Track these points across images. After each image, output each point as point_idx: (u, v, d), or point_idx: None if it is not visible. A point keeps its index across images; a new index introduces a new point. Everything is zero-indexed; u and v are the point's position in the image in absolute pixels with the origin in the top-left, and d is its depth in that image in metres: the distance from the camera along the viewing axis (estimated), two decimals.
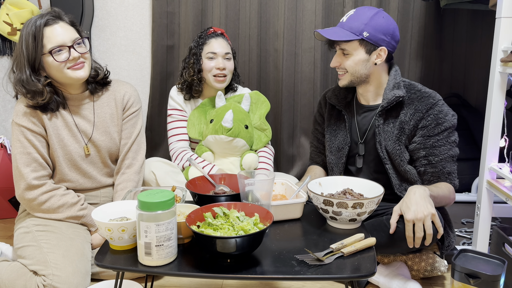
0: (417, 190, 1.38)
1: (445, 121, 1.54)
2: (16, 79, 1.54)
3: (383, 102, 1.59)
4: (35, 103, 1.56)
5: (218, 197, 1.37)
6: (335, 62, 1.61)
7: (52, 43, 1.52)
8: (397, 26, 1.59)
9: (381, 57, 1.56)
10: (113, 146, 1.73)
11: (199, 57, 2.01)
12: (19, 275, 1.45)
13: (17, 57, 1.54)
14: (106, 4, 2.57)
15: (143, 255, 1.08)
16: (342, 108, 1.70)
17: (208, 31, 2.04)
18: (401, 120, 1.58)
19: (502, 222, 2.11)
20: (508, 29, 1.60)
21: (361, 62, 1.56)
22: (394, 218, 1.38)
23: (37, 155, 1.58)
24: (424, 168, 1.57)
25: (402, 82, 1.62)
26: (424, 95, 1.58)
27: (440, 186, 1.52)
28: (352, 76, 1.60)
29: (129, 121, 1.75)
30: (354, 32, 1.54)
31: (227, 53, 2.02)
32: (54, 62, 1.53)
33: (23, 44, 1.52)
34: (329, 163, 1.75)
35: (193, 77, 2.01)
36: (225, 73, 2.01)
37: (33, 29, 1.51)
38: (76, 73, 1.57)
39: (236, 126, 1.91)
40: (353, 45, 1.55)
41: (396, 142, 1.58)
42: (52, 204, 1.59)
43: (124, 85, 1.76)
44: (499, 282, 1.32)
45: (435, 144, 1.55)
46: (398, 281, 1.55)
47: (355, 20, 1.54)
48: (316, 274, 1.05)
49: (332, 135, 1.73)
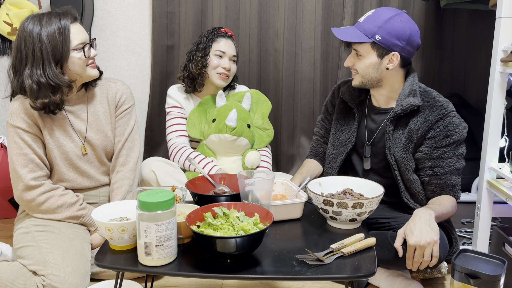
0: (422, 215, 1.34)
1: (454, 134, 1.50)
2: (31, 75, 1.51)
3: (396, 108, 1.55)
4: (42, 103, 1.53)
5: (218, 197, 1.37)
6: (349, 62, 1.58)
7: (78, 40, 1.56)
8: (418, 31, 1.52)
9: (393, 62, 1.51)
10: (108, 144, 1.73)
11: (207, 52, 2.02)
12: (19, 275, 1.45)
13: (33, 53, 1.51)
14: (106, 4, 2.57)
15: (143, 255, 1.08)
16: (354, 106, 1.66)
17: (220, 30, 2.06)
18: (410, 128, 1.54)
19: (502, 222, 2.11)
20: (508, 29, 1.60)
21: (372, 65, 1.52)
22: (399, 241, 1.35)
23: (33, 156, 1.58)
24: (429, 179, 1.54)
25: (418, 89, 1.57)
26: (437, 104, 1.53)
27: (443, 203, 1.48)
28: (363, 78, 1.56)
29: (122, 118, 1.75)
30: (366, 34, 1.49)
31: (234, 56, 2.05)
32: (83, 57, 1.57)
33: (47, 40, 1.50)
34: (328, 155, 1.73)
35: (200, 70, 2.02)
36: (229, 74, 2.03)
37: (59, 26, 1.53)
38: (93, 71, 1.63)
39: (239, 125, 1.91)
40: (365, 47, 1.51)
41: (403, 150, 1.55)
42: (51, 205, 1.59)
43: (116, 83, 1.76)
44: (499, 282, 1.32)
45: (442, 156, 1.51)
46: (399, 282, 1.55)
47: (370, 22, 1.50)
48: (316, 274, 1.05)
49: (338, 130, 1.71)
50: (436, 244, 1.29)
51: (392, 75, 1.56)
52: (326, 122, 1.79)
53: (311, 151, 1.83)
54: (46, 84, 1.51)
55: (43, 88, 1.52)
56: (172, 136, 2.05)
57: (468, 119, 2.41)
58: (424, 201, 1.56)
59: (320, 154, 1.80)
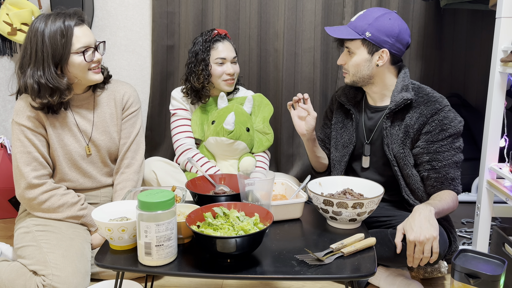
0: (422, 211, 1.35)
1: (450, 127, 1.53)
2: (32, 75, 1.51)
3: (391, 104, 1.58)
4: (41, 103, 1.53)
5: (218, 197, 1.37)
6: (341, 60, 1.63)
7: (81, 43, 1.55)
8: (407, 29, 1.57)
9: (383, 59, 1.55)
10: (112, 146, 1.73)
11: (207, 63, 1.97)
12: (19, 275, 1.45)
13: (36, 53, 1.51)
14: (106, 4, 2.57)
15: (143, 255, 1.08)
16: (351, 107, 1.70)
17: (213, 34, 1.99)
18: (406, 123, 1.57)
19: (502, 222, 2.11)
20: (508, 29, 1.60)
21: (363, 62, 1.56)
22: (399, 237, 1.36)
23: (37, 154, 1.58)
24: (428, 173, 1.55)
25: (411, 84, 1.60)
26: (431, 99, 1.56)
27: (444, 198, 1.49)
28: (354, 76, 1.60)
29: (128, 120, 1.75)
30: (357, 31, 1.54)
31: (235, 57, 2.01)
32: (83, 61, 1.55)
33: (48, 40, 1.50)
34: (332, 159, 1.76)
35: (203, 84, 1.97)
36: (234, 77, 2.01)
37: (61, 27, 1.51)
38: (96, 76, 1.62)
39: (237, 128, 1.90)
40: (356, 44, 1.56)
41: (400, 145, 1.57)
42: (52, 204, 1.59)
43: (124, 85, 1.77)
44: (499, 282, 1.32)
45: (439, 150, 1.53)
46: (399, 282, 1.55)
47: (361, 20, 1.55)
48: (316, 274, 1.05)
49: (338, 132, 1.74)
50: (435, 240, 1.30)
51: (383, 72, 1.59)
52: (326, 127, 1.84)
53: None
54: (45, 86, 1.51)
55: (43, 89, 1.52)
56: (180, 136, 2.02)
57: (468, 119, 2.42)
58: (424, 197, 1.58)
59: None
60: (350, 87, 1.73)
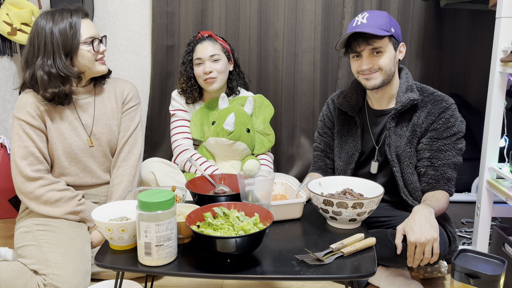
0: (422, 212, 1.35)
1: (454, 126, 1.54)
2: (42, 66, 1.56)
3: (397, 105, 1.58)
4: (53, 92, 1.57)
5: (218, 197, 1.37)
6: (368, 63, 1.53)
7: (88, 34, 1.62)
8: None
9: (402, 53, 1.59)
10: (113, 139, 1.75)
11: (190, 64, 2.03)
12: (19, 274, 1.45)
13: (45, 45, 1.57)
14: (106, 4, 2.57)
15: (143, 255, 1.09)
16: (355, 115, 1.67)
17: (196, 37, 2.05)
18: (414, 123, 1.57)
19: (502, 222, 2.11)
20: (508, 29, 1.60)
21: (393, 58, 1.56)
22: (399, 238, 1.36)
23: (34, 149, 1.60)
24: (425, 170, 1.56)
25: (414, 85, 1.61)
26: (438, 98, 1.58)
27: (439, 199, 1.49)
28: (385, 75, 1.55)
29: (128, 115, 1.78)
30: (383, 28, 1.51)
31: (213, 55, 1.97)
32: (92, 50, 1.62)
33: (57, 32, 1.56)
34: (337, 169, 1.73)
35: (186, 85, 2.03)
36: (214, 75, 1.97)
37: (69, 19, 1.58)
38: (102, 67, 1.68)
39: (237, 129, 1.89)
40: (385, 41, 1.53)
41: (407, 144, 1.57)
42: (50, 198, 1.59)
43: (124, 82, 1.82)
44: (499, 282, 1.32)
45: (441, 148, 1.54)
46: (399, 282, 1.55)
47: (379, 19, 1.52)
48: (316, 274, 1.05)
49: (342, 141, 1.71)
50: (436, 241, 1.30)
51: (395, 70, 1.60)
52: (325, 136, 1.78)
53: (313, 165, 1.82)
54: (56, 75, 1.57)
55: (53, 78, 1.57)
56: (178, 137, 2.04)
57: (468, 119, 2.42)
58: (421, 197, 1.58)
59: (323, 167, 1.79)
60: (351, 94, 1.69)
